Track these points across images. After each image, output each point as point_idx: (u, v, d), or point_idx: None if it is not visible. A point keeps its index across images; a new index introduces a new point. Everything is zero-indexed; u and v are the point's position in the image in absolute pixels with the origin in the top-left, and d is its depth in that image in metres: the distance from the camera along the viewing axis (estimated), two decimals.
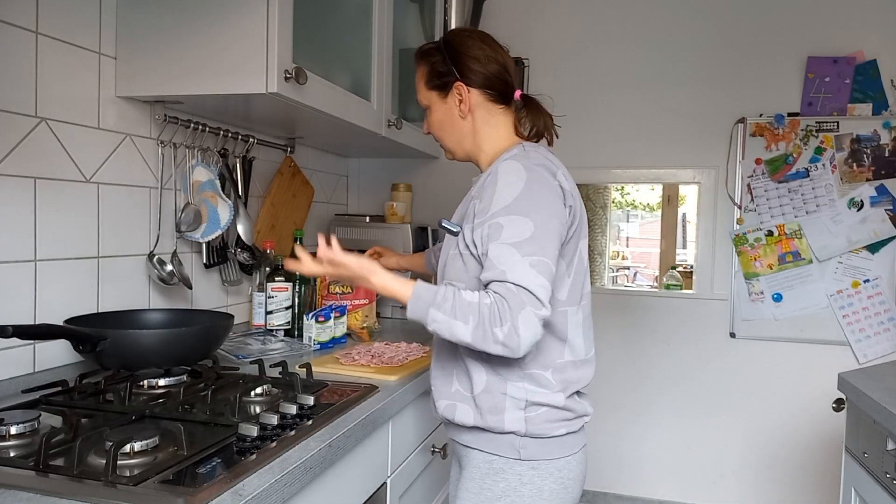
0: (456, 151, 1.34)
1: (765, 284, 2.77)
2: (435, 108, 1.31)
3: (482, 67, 1.25)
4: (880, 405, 1.41)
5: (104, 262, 1.48)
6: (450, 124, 1.30)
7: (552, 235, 1.10)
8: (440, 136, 1.34)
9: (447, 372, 1.25)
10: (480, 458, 1.21)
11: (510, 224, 1.09)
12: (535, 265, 1.06)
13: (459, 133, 1.30)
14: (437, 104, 1.30)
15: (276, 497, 0.88)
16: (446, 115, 1.29)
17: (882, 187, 2.66)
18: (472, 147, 1.31)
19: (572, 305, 1.20)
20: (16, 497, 0.79)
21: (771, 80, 2.73)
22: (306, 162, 2.34)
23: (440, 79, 1.28)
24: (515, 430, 1.17)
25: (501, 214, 1.10)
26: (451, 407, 1.23)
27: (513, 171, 1.14)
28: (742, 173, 2.77)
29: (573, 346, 1.20)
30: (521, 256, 1.06)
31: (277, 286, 1.87)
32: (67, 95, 1.37)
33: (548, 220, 1.10)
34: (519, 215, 1.09)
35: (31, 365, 1.31)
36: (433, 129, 1.34)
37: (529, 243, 1.07)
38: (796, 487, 2.78)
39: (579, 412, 1.22)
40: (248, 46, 1.40)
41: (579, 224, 1.21)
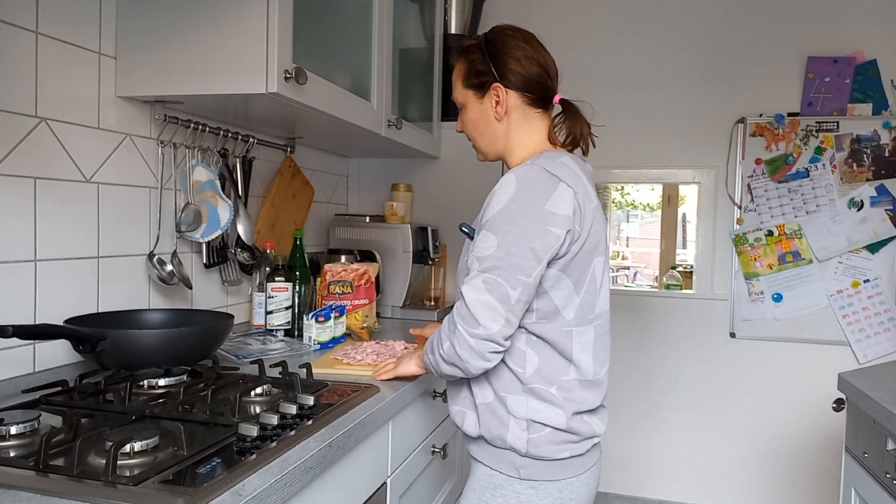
0: (488, 153, 1.31)
1: (765, 284, 2.77)
2: (470, 108, 1.28)
3: (522, 69, 1.21)
4: (880, 405, 1.41)
5: (104, 262, 1.48)
6: (484, 125, 1.27)
7: (517, 258, 1.07)
8: (473, 136, 1.31)
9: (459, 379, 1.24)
10: (482, 472, 1.21)
11: (482, 238, 1.11)
12: (486, 281, 1.07)
13: (493, 134, 1.27)
14: (472, 103, 1.27)
15: (276, 497, 0.88)
16: (481, 115, 1.26)
17: (882, 187, 2.66)
18: (503, 149, 1.28)
19: (581, 325, 1.17)
20: (16, 497, 0.79)
21: (771, 80, 2.73)
22: (306, 162, 2.34)
23: (478, 78, 1.24)
24: (516, 448, 1.15)
25: (484, 227, 1.12)
26: (461, 414, 1.24)
27: (506, 183, 1.12)
28: (742, 173, 2.77)
29: (580, 366, 1.17)
30: (478, 271, 1.09)
31: (277, 286, 1.87)
32: (67, 95, 1.37)
33: (517, 240, 1.07)
34: (489, 231, 1.10)
35: (31, 365, 1.31)
36: (467, 128, 1.31)
37: (489, 260, 1.08)
38: (796, 487, 2.78)
39: (586, 434, 1.18)
40: (248, 46, 1.40)
41: (594, 244, 1.16)
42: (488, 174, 2.47)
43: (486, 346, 1.08)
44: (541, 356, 1.15)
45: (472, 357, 1.08)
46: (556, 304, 1.13)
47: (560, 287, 1.13)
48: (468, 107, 1.28)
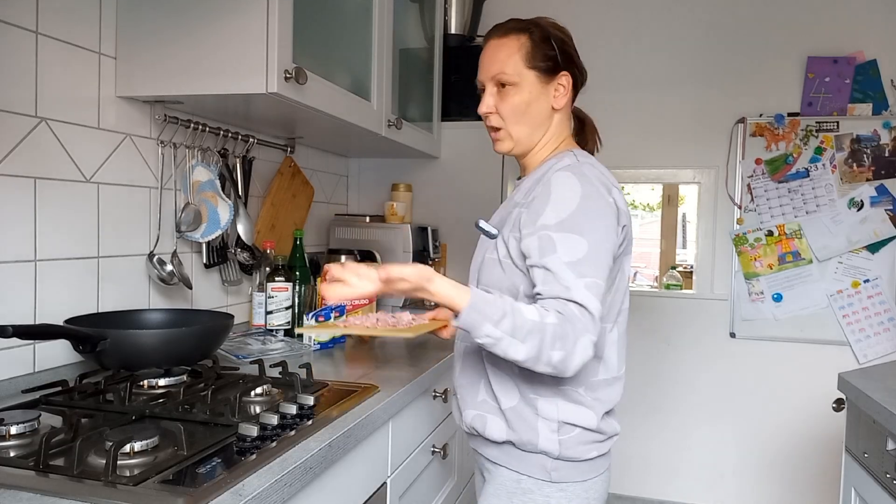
0: (521, 141, 1.21)
1: (765, 284, 2.77)
2: (525, 89, 1.17)
3: (580, 65, 1.21)
4: (880, 405, 1.41)
5: (104, 262, 1.48)
6: (536, 111, 1.19)
7: (605, 256, 1.06)
8: (515, 120, 1.19)
9: (473, 380, 1.21)
10: (508, 476, 1.17)
11: (564, 241, 1.04)
12: (589, 287, 1.02)
13: (540, 123, 1.20)
14: (531, 85, 1.18)
15: (276, 497, 0.88)
16: (537, 100, 1.18)
17: (882, 187, 2.66)
18: (538, 141, 1.22)
19: (609, 322, 1.16)
20: (16, 497, 0.79)
21: (771, 80, 2.73)
22: (306, 162, 2.34)
23: (546, 61, 1.18)
24: (548, 451, 1.13)
25: (554, 229, 1.05)
26: (480, 419, 1.18)
27: (567, 184, 1.08)
28: (742, 173, 2.77)
29: (607, 364, 1.17)
30: (576, 277, 1.02)
31: (277, 286, 1.87)
32: (67, 95, 1.37)
33: (602, 240, 1.06)
34: (573, 233, 1.05)
35: (31, 365, 1.31)
36: (511, 109, 1.19)
37: (583, 264, 1.03)
38: (796, 487, 2.78)
39: (609, 433, 1.18)
40: (248, 46, 1.40)
41: (628, 243, 1.17)
42: (488, 174, 2.47)
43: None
44: None
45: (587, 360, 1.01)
46: None
47: None
48: (523, 88, 1.18)
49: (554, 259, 1.04)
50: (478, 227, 1.21)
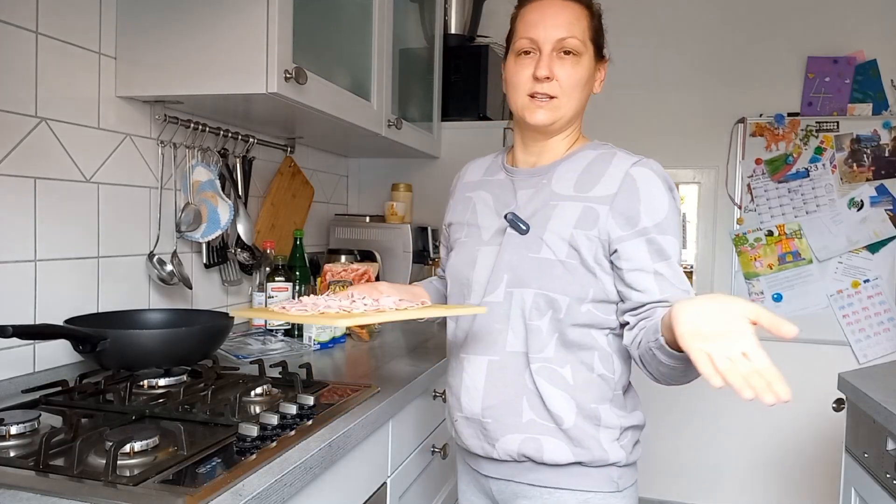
0: (564, 118, 1.09)
1: (765, 284, 2.77)
2: (585, 63, 1.09)
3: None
4: (880, 405, 1.41)
5: (104, 262, 1.48)
6: (587, 90, 1.11)
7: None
8: (570, 93, 1.08)
9: (510, 399, 1.07)
10: (569, 498, 1.06)
11: (666, 243, 1.02)
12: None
13: (581, 104, 1.11)
14: (589, 60, 1.10)
15: (276, 497, 0.88)
16: (588, 78, 1.10)
17: (882, 187, 2.66)
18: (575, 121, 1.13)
19: None
20: (16, 497, 0.79)
21: (771, 80, 2.73)
22: (306, 162, 2.34)
23: (600, 44, 1.13)
24: (616, 462, 1.05)
25: (656, 231, 1.01)
26: (532, 443, 1.05)
27: (655, 181, 1.03)
28: (742, 173, 2.77)
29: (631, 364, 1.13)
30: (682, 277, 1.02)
31: (277, 286, 1.87)
32: (67, 95, 1.37)
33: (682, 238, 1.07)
34: (670, 235, 1.02)
35: (31, 365, 1.31)
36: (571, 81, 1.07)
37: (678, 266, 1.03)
38: (796, 487, 2.78)
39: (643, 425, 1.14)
40: (248, 46, 1.40)
41: None
42: None
43: None
44: (621, 355, 1.09)
45: None
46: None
47: None
48: (584, 61, 1.08)
49: (670, 264, 1.01)
50: (510, 220, 1.08)
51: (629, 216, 1.02)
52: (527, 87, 1.08)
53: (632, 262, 1.01)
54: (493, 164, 1.25)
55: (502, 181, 1.18)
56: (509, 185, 1.15)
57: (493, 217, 1.14)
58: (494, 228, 1.13)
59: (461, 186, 1.28)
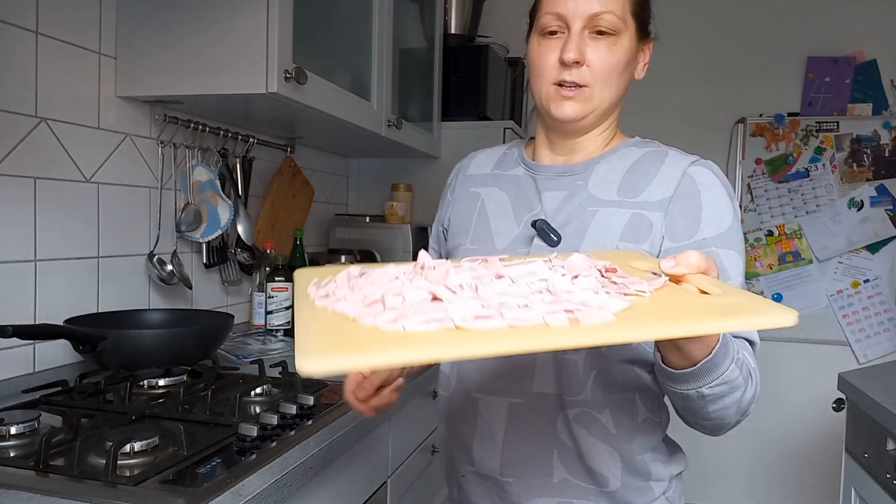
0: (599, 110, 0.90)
1: (765, 284, 2.77)
2: (624, 44, 0.89)
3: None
4: (880, 405, 1.41)
5: (104, 262, 1.48)
6: (627, 76, 0.92)
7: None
8: (605, 80, 0.88)
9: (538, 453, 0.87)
10: None
11: (729, 260, 0.84)
12: None
13: (620, 89, 0.91)
14: (630, 40, 0.90)
15: (276, 497, 0.88)
16: (629, 60, 0.91)
17: (882, 187, 2.66)
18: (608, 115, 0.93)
19: None
20: (16, 497, 0.79)
21: (771, 80, 2.73)
22: (306, 162, 2.34)
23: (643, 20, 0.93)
24: None
25: (718, 244, 0.84)
26: None
27: (716, 185, 0.87)
28: (742, 173, 2.77)
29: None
30: None
31: (277, 286, 1.87)
32: (67, 95, 1.37)
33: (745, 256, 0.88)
34: (734, 251, 0.85)
35: (31, 365, 1.31)
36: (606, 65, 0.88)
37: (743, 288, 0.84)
38: (796, 487, 2.78)
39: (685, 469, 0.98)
40: (248, 46, 1.40)
41: None
42: None
43: None
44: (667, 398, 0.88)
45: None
46: None
47: None
48: (622, 42, 0.88)
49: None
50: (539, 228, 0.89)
51: (687, 225, 0.84)
52: (552, 74, 0.88)
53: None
54: (505, 156, 1.03)
55: (521, 178, 0.97)
56: (531, 184, 0.95)
57: (510, 221, 0.94)
58: (512, 236, 0.92)
59: (463, 180, 1.06)
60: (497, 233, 0.95)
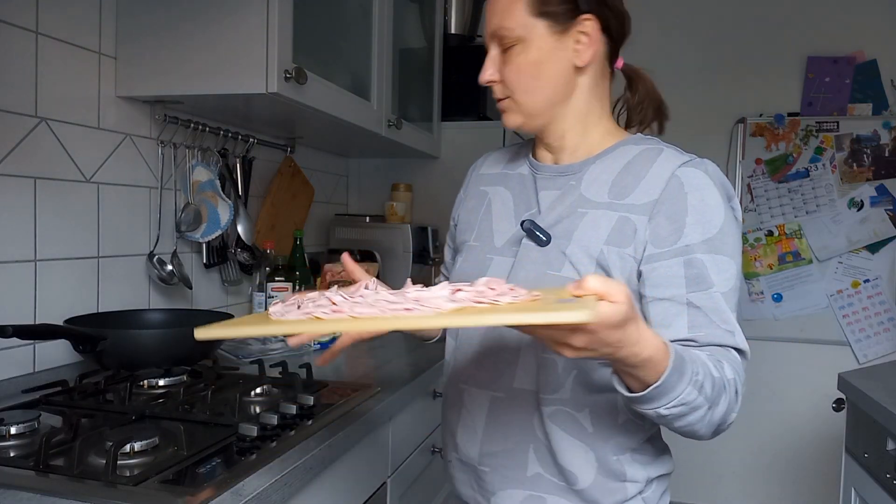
0: (534, 115, 0.91)
1: (765, 284, 2.77)
2: (535, 44, 0.87)
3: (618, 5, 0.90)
4: (880, 405, 1.41)
5: (104, 262, 1.48)
6: (554, 72, 0.89)
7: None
8: (523, 87, 0.89)
9: (514, 446, 0.90)
10: None
11: (715, 266, 0.81)
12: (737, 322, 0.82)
13: (559, 88, 0.90)
14: (541, 39, 0.87)
15: (276, 497, 0.88)
16: (552, 57, 0.88)
17: (882, 187, 2.66)
18: (561, 113, 0.92)
19: None
20: (16, 497, 0.79)
21: (771, 80, 2.73)
22: (306, 162, 2.34)
23: (560, 4, 0.87)
24: None
25: (702, 250, 0.81)
26: (536, 501, 0.89)
27: (706, 186, 0.84)
28: (742, 173, 2.77)
29: None
30: (731, 313, 0.81)
31: (277, 286, 1.87)
32: (67, 95, 1.37)
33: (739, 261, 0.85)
34: (724, 255, 0.82)
35: (31, 365, 1.31)
36: (513, 74, 0.89)
37: (734, 294, 0.82)
38: (796, 487, 2.78)
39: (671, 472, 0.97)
40: (248, 46, 1.40)
41: None
42: None
43: None
44: None
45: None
46: None
47: None
48: (531, 43, 0.88)
49: (711, 294, 0.80)
50: (527, 229, 0.90)
51: (671, 230, 0.83)
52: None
53: (660, 290, 0.82)
54: (517, 154, 1.04)
55: (525, 177, 0.98)
56: (531, 183, 0.97)
57: (511, 220, 0.96)
58: (510, 235, 0.95)
59: (475, 178, 1.08)
60: (497, 231, 0.97)
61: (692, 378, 0.70)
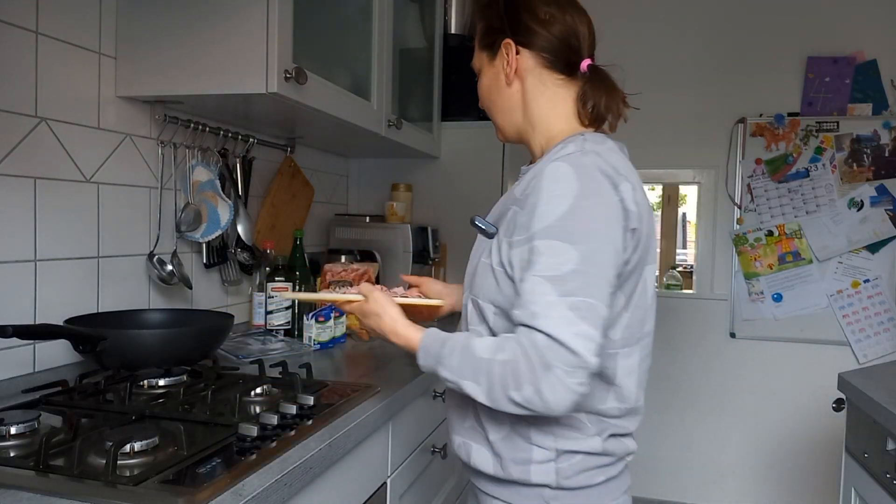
0: (505, 127, 1.11)
1: (765, 284, 2.77)
2: (484, 73, 1.11)
3: (540, 26, 1.03)
4: (880, 405, 1.41)
5: (104, 262, 1.48)
6: (496, 92, 1.09)
7: (604, 269, 0.88)
8: (488, 107, 1.13)
9: (463, 402, 1.05)
10: None
11: (549, 251, 0.87)
12: (575, 308, 0.84)
13: (507, 103, 1.08)
14: (485, 67, 1.10)
15: (276, 497, 0.88)
16: (493, 80, 1.09)
17: (882, 187, 2.66)
18: (522, 123, 1.08)
19: (627, 346, 0.98)
20: (16, 497, 0.79)
21: (771, 80, 2.74)
22: (306, 162, 2.34)
23: (491, 36, 1.07)
24: (546, 483, 0.98)
25: (540, 236, 0.89)
26: (466, 446, 1.05)
27: (561, 177, 0.91)
28: (742, 173, 2.77)
29: (621, 392, 0.99)
30: (557, 296, 0.85)
31: (277, 286, 1.87)
32: (67, 95, 1.37)
33: (599, 249, 0.88)
34: (560, 241, 0.87)
35: (31, 365, 1.31)
36: (482, 99, 1.14)
37: (572, 278, 0.85)
38: (796, 487, 2.78)
39: (620, 454, 1.02)
40: (248, 46, 1.40)
41: (644, 249, 0.97)
42: (488, 174, 2.46)
43: (585, 385, 0.85)
44: None
45: (566, 401, 0.84)
46: None
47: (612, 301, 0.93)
48: (482, 72, 1.11)
49: (531, 276, 0.87)
50: (474, 225, 1.04)
51: (527, 220, 0.92)
52: None
53: (515, 273, 0.93)
54: None
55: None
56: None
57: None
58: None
59: None
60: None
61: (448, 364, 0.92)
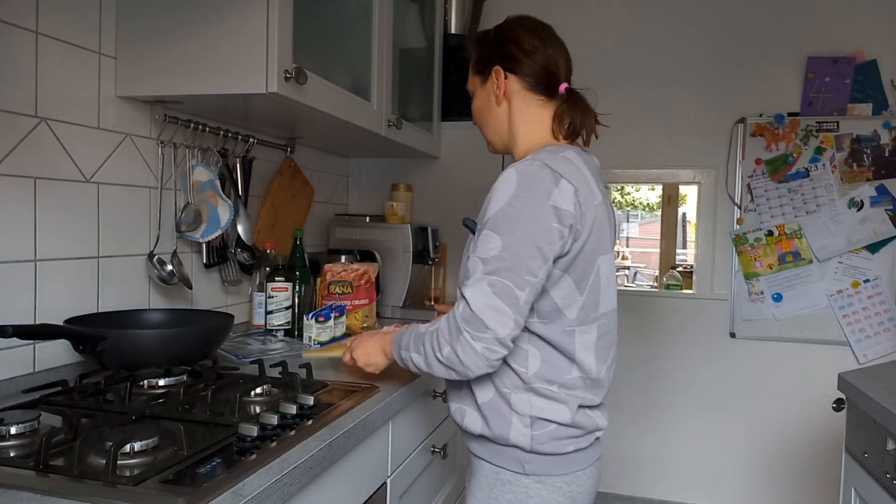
0: (494, 142, 1.32)
1: (765, 284, 2.77)
2: (477, 94, 1.31)
3: (525, 56, 1.23)
4: (880, 405, 1.41)
5: (104, 262, 1.48)
6: (487, 111, 1.29)
7: (523, 259, 1.05)
8: (480, 125, 1.33)
9: None
10: (488, 469, 1.20)
11: (485, 239, 1.08)
12: (493, 285, 1.05)
13: (496, 121, 1.29)
14: (478, 90, 1.30)
15: (276, 497, 0.88)
16: (485, 101, 1.29)
17: (882, 187, 2.66)
18: (508, 138, 1.29)
19: (583, 324, 1.15)
20: (16, 497, 0.79)
21: (771, 80, 2.73)
22: (306, 162, 2.34)
23: (483, 63, 1.28)
24: (521, 446, 1.15)
25: (484, 227, 1.10)
26: (461, 411, 1.22)
27: (506, 180, 1.10)
28: (742, 173, 2.77)
29: (583, 366, 1.16)
30: (482, 273, 1.06)
31: (277, 286, 1.87)
32: (67, 95, 1.37)
33: (524, 239, 1.06)
34: (492, 231, 1.08)
35: (31, 365, 1.31)
36: (475, 117, 1.34)
37: (494, 262, 1.06)
38: (796, 487, 2.78)
39: (589, 428, 1.19)
40: (248, 46, 1.40)
41: (597, 242, 1.14)
42: (488, 173, 2.45)
43: (492, 351, 1.05)
44: (543, 356, 1.14)
45: (477, 363, 1.06)
46: (557, 303, 1.12)
47: (561, 286, 1.11)
48: (476, 94, 1.31)
49: (471, 257, 1.10)
50: (465, 226, 1.20)
51: (483, 213, 1.12)
52: None
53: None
54: None
55: None
56: None
57: None
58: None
59: None
60: None
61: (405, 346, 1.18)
